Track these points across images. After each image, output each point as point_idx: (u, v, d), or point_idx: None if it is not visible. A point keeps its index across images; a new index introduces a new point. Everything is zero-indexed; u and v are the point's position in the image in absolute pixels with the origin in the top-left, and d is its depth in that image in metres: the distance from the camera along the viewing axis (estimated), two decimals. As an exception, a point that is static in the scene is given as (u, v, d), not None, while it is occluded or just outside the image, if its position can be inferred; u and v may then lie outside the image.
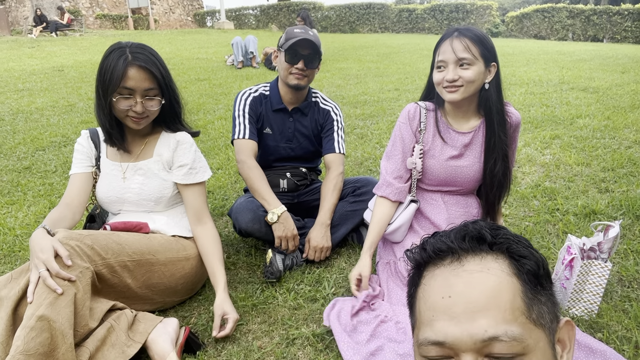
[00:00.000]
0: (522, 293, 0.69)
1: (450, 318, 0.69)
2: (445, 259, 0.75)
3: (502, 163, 1.83)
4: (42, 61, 10.56)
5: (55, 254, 1.39)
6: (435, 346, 0.69)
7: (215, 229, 1.88)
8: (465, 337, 0.66)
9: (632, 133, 3.86)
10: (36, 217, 2.72)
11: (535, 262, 0.73)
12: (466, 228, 0.76)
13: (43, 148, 4.17)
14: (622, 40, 17.82)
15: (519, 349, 0.65)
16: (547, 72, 7.50)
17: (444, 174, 1.90)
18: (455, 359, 0.68)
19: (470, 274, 0.71)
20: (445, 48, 1.70)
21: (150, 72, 1.67)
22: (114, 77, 1.61)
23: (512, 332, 0.65)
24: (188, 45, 14.38)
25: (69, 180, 1.84)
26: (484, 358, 0.66)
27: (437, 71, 1.76)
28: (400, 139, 1.93)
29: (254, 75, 8.29)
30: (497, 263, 0.72)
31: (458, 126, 1.89)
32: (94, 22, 23.07)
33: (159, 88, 1.72)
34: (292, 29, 2.17)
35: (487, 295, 0.68)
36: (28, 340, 1.23)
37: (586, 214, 2.47)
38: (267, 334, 1.68)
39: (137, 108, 1.67)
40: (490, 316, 0.66)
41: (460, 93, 1.72)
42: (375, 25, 23.44)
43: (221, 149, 4.02)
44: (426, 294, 0.75)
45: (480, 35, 1.70)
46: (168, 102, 1.79)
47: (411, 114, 1.91)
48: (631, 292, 1.82)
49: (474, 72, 1.68)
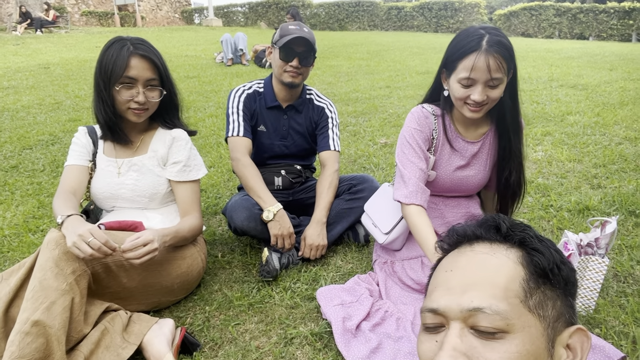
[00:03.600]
0: (524, 280, 0.73)
1: (446, 289, 0.75)
2: (462, 244, 0.82)
3: (516, 173, 1.76)
4: (27, 58, 10.38)
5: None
6: (430, 313, 0.75)
7: (197, 220, 1.83)
8: (453, 306, 0.71)
9: (622, 129, 3.90)
10: (25, 217, 2.66)
11: (548, 259, 0.74)
12: (487, 219, 0.81)
13: (30, 147, 4.09)
14: (607, 38, 18.04)
15: (501, 325, 0.68)
16: (536, 70, 7.56)
17: (449, 183, 1.85)
18: (446, 327, 0.73)
19: (475, 254, 0.78)
20: (477, 65, 1.51)
21: (152, 61, 1.68)
22: (116, 67, 1.62)
23: (497, 307, 0.68)
24: (176, 42, 14.25)
25: (66, 170, 1.79)
26: (469, 329, 0.70)
27: (460, 86, 1.58)
28: (416, 144, 1.76)
29: (244, 73, 8.23)
30: (507, 251, 0.77)
31: (467, 134, 1.80)
32: (80, 19, 22.75)
33: (159, 79, 1.73)
34: (287, 25, 2.14)
35: (483, 273, 0.73)
36: (23, 346, 1.20)
37: (580, 210, 2.49)
38: (264, 334, 1.66)
39: (139, 98, 1.66)
40: (480, 290, 0.71)
41: (483, 111, 1.63)
42: (364, 22, 23.46)
43: (213, 146, 3.98)
44: (436, 272, 0.83)
45: (509, 46, 1.54)
46: (168, 94, 1.78)
47: (422, 120, 1.76)
48: (627, 287, 1.83)
49: (501, 90, 1.57)
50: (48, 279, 1.32)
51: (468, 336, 0.70)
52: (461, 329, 0.70)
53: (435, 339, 0.74)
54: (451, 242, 0.83)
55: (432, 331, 0.75)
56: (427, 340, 0.76)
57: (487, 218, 0.81)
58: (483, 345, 0.68)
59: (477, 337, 0.69)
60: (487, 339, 0.68)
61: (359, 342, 1.53)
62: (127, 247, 1.44)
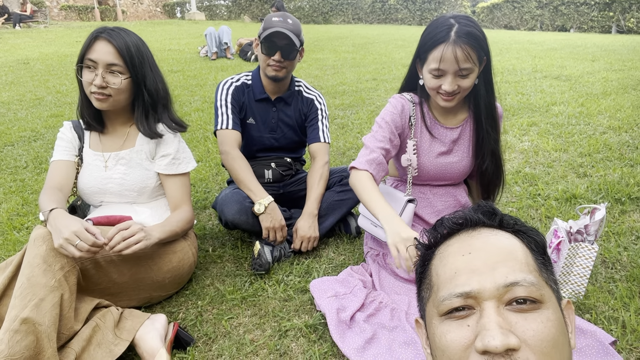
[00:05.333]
0: (532, 258, 0.76)
1: (472, 271, 0.73)
2: (460, 231, 0.81)
3: (491, 159, 1.78)
4: (5, 54, 10.14)
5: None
6: (458, 298, 0.72)
7: (188, 213, 1.80)
8: (487, 284, 0.70)
9: (605, 119, 3.96)
10: (9, 215, 2.60)
11: (542, 240, 0.79)
12: (479, 206, 0.82)
13: (12, 143, 4.00)
14: (588, 30, 18.29)
15: (537, 295, 0.69)
16: (520, 61, 7.63)
17: (434, 170, 1.86)
18: (477, 309, 0.71)
19: (486, 236, 0.78)
20: (445, 56, 1.53)
21: (115, 47, 1.62)
22: (82, 49, 1.62)
23: (530, 279, 0.70)
24: (158, 36, 14.05)
25: (52, 166, 1.75)
26: (504, 306, 0.69)
27: (431, 77, 1.61)
28: (388, 126, 1.77)
29: (229, 67, 8.15)
30: (507, 233, 0.79)
31: (445, 121, 1.83)
32: (59, 14, 22.32)
33: (125, 66, 1.65)
34: (271, 17, 2.11)
35: (503, 251, 0.74)
36: (13, 344, 1.17)
37: (567, 198, 2.52)
38: (258, 327, 1.65)
39: (97, 81, 1.61)
40: (509, 266, 0.71)
41: (457, 100, 1.66)
42: (349, 15, 23.43)
43: (200, 141, 3.94)
44: (444, 259, 0.79)
45: (479, 36, 1.54)
46: (137, 85, 1.70)
47: (400, 105, 1.79)
48: (615, 273, 1.86)
49: (472, 80, 1.60)
50: (36, 275, 1.30)
51: (505, 313, 0.69)
52: (497, 307, 0.69)
53: (467, 324, 0.70)
54: (452, 228, 0.82)
55: (459, 317, 0.72)
56: (455, 328, 0.71)
57: (479, 205, 0.82)
58: (523, 318, 0.67)
59: (514, 312, 0.69)
60: (523, 311, 0.68)
61: (353, 333, 1.52)
62: (113, 243, 1.42)
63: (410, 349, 1.44)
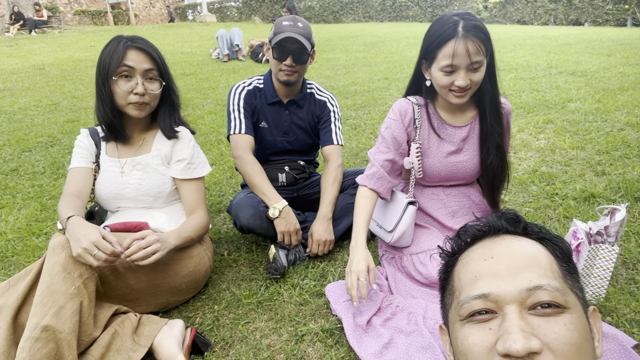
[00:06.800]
0: (557, 264, 0.75)
1: (494, 275, 0.72)
2: (484, 238, 0.81)
3: (495, 153, 1.77)
4: (22, 60, 10.32)
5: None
6: (479, 300, 0.71)
7: (204, 218, 1.82)
8: (510, 288, 0.69)
9: (623, 115, 3.88)
10: (28, 220, 2.64)
11: (567, 248, 0.79)
12: (502, 213, 0.82)
13: (29, 149, 4.06)
14: (603, 24, 17.97)
15: (562, 301, 0.68)
16: (534, 57, 7.52)
17: (444, 171, 1.85)
18: (499, 314, 0.70)
19: (509, 242, 0.77)
20: (457, 50, 1.53)
21: (149, 53, 1.68)
22: (113, 60, 1.62)
23: (554, 284, 0.69)
24: (171, 39, 14.17)
25: (70, 174, 1.78)
26: (527, 310, 0.68)
27: (443, 74, 1.60)
28: (390, 136, 1.81)
29: (241, 69, 8.18)
30: (531, 240, 0.78)
31: (453, 120, 1.82)
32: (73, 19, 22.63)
33: (158, 72, 1.72)
34: (281, 22, 2.11)
35: (526, 257, 0.73)
36: (34, 352, 1.19)
37: (585, 197, 2.48)
38: (275, 332, 1.65)
39: (138, 89, 1.65)
40: (533, 271, 0.71)
41: (469, 95, 1.65)
42: (359, 14, 23.36)
43: (213, 144, 3.96)
44: (466, 265, 0.79)
45: (484, 29, 1.57)
46: (167, 89, 1.77)
47: (402, 110, 1.80)
48: (636, 274, 1.82)
49: (482, 73, 1.60)
50: (56, 283, 1.31)
51: (528, 317, 0.68)
52: (519, 311, 0.68)
53: (489, 327, 0.70)
54: (475, 235, 0.82)
55: (481, 321, 0.72)
56: (477, 331, 0.71)
57: (502, 213, 0.83)
58: (546, 322, 0.67)
59: (537, 316, 0.68)
60: (547, 315, 0.67)
61: (370, 338, 1.52)
62: (129, 252, 1.44)
63: (428, 354, 1.42)
